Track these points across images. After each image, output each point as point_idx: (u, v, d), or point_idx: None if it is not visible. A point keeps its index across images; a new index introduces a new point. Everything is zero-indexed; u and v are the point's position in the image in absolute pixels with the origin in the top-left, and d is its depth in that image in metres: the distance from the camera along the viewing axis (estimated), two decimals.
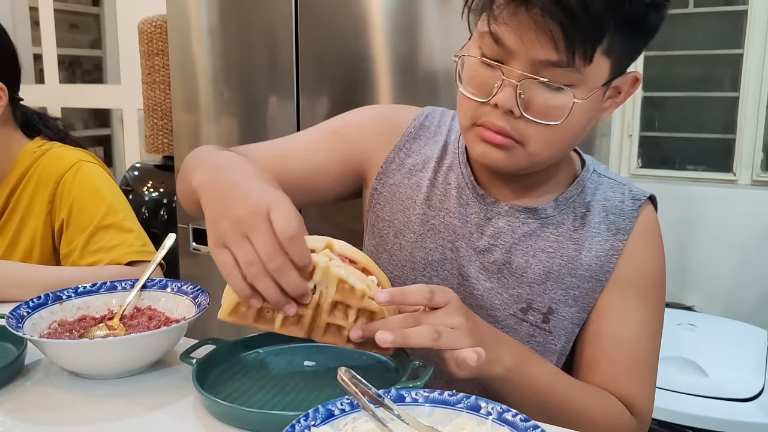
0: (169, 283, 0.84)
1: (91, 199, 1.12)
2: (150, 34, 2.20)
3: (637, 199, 0.82)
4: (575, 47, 0.66)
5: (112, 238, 1.09)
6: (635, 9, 0.67)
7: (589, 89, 0.70)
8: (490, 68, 0.71)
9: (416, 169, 0.88)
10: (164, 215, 2.23)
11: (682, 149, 2.20)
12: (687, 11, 2.14)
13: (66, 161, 1.15)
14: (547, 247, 0.81)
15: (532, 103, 0.70)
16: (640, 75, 0.77)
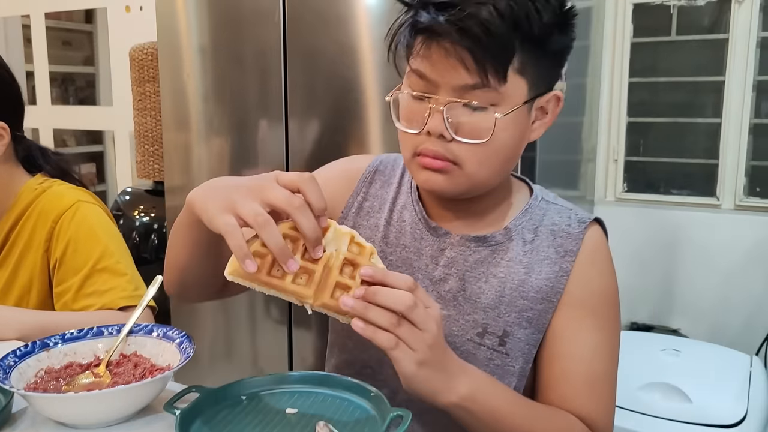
0: (155, 329, 0.85)
1: (87, 241, 1.13)
2: (141, 61, 2.23)
3: (583, 222, 0.86)
4: (486, 69, 0.72)
5: (106, 281, 1.10)
6: (537, 30, 0.73)
7: (509, 106, 0.76)
8: (419, 101, 0.78)
9: (373, 211, 0.94)
10: (155, 240, 2.25)
11: (667, 174, 2.24)
12: (670, 39, 2.18)
13: (65, 200, 1.16)
14: (498, 272, 0.85)
15: (460, 126, 0.76)
16: (562, 94, 0.83)
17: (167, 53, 1.94)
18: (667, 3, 2.16)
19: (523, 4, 0.72)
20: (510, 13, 0.71)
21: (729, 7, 2.06)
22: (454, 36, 0.71)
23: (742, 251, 2.07)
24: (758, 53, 2.05)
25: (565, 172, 2.06)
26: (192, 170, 1.96)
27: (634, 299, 2.24)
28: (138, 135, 2.32)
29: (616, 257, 2.44)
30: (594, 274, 0.85)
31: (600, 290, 0.85)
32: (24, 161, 1.23)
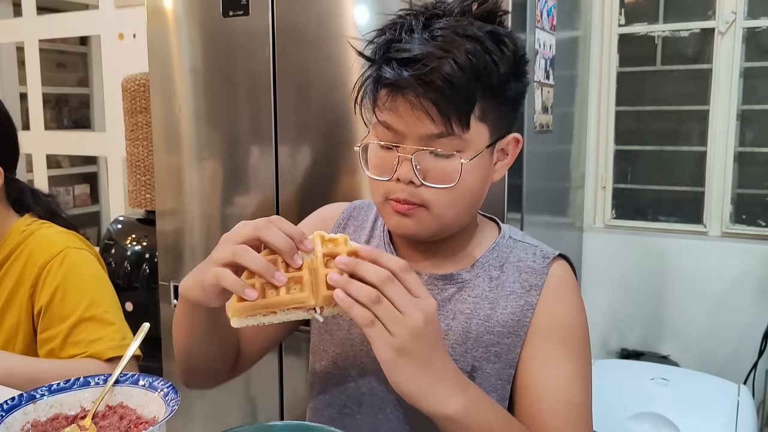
0: (141, 378, 0.86)
1: (76, 289, 1.13)
2: (133, 92, 2.24)
3: (547, 257, 0.89)
4: (450, 118, 0.77)
5: (94, 331, 1.10)
6: (495, 80, 0.78)
7: (474, 151, 0.80)
8: (387, 150, 0.82)
9: None
10: (146, 269, 2.25)
11: (655, 201, 2.26)
12: (655, 69, 2.21)
13: (54, 246, 1.17)
14: (464, 309, 0.87)
15: (428, 172, 0.80)
16: (521, 136, 0.88)
17: (158, 76, 1.96)
18: (651, 34, 2.20)
19: (482, 56, 0.77)
20: (470, 66, 0.76)
21: (712, 38, 2.09)
22: (418, 90, 0.75)
23: (730, 278, 2.09)
24: (741, 83, 2.08)
25: (554, 200, 2.08)
26: (184, 194, 1.97)
27: (624, 325, 2.25)
28: (130, 164, 2.33)
29: (605, 283, 2.46)
30: (561, 306, 0.87)
31: (568, 322, 0.87)
32: (14, 202, 1.23)
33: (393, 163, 0.80)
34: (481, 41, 0.77)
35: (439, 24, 0.78)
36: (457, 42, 0.76)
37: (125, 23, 2.86)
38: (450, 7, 0.81)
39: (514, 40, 0.82)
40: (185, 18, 1.89)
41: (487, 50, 0.77)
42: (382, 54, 0.80)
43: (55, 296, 1.13)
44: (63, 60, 5.26)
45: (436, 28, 0.77)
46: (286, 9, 1.72)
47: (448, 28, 0.77)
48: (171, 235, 2.02)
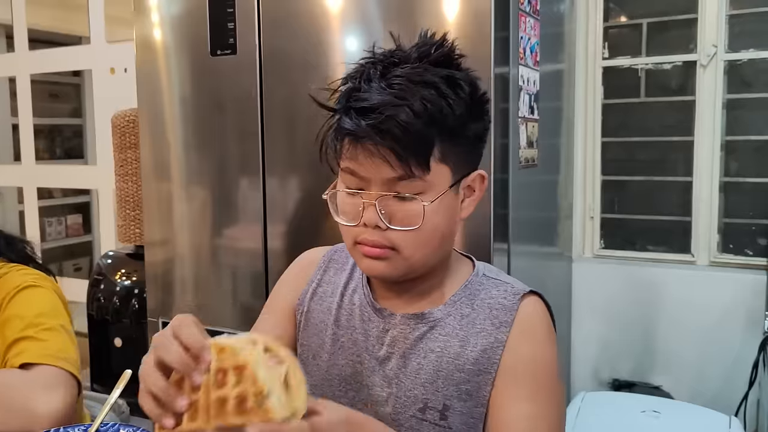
0: (122, 428, 0.86)
1: (11, 322, 1.13)
2: (123, 128, 2.26)
3: (517, 294, 0.89)
4: (410, 163, 0.79)
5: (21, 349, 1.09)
6: (452, 122, 0.81)
7: (436, 193, 0.82)
8: (354, 196, 0.84)
9: (326, 295, 0.99)
10: (135, 304, 2.25)
11: (643, 230, 2.27)
12: (640, 100, 2.24)
13: (12, 285, 1.17)
14: (435, 347, 0.88)
15: (393, 215, 0.82)
16: (485, 173, 0.89)
17: (148, 108, 1.97)
18: (635, 66, 2.23)
19: (437, 101, 0.79)
20: (425, 112, 0.78)
21: (694, 70, 2.13)
22: (376, 138, 0.78)
23: (719, 307, 2.09)
24: (724, 114, 2.11)
25: (542, 230, 2.09)
26: (173, 225, 1.97)
27: (615, 356, 2.25)
28: (119, 199, 2.33)
29: (595, 313, 2.47)
30: (527, 344, 0.87)
31: (533, 360, 0.86)
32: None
33: (359, 209, 0.83)
34: (436, 86, 0.80)
35: (396, 72, 0.81)
36: (413, 89, 0.79)
37: (117, 58, 2.88)
38: (407, 54, 0.83)
39: (471, 82, 0.84)
40: (174, 54, 1.92)
41: (443, 95, 0.80)
42: (343, 104, 0.83)
43: (2, 326, 1.14)
44: (56, 91, 5.29)
45: (393, 76, 0.80)
46: (272, 46, 1.74)
47: (404, 76, 0.80)
48: (160, 266, 2.01)
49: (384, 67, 0.82)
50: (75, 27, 3.83)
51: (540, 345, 0.87)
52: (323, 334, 0.96)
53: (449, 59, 0.84)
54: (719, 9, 2.07)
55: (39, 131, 3.37)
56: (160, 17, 1.93)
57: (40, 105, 3.37)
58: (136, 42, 1.97)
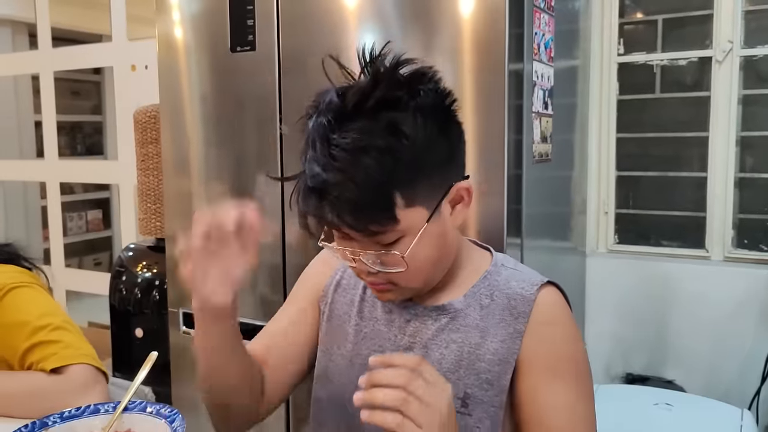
0: (148, 406, 0.90)
1: (15, 330, 1.15)
2: (144, 124, 2.31)
3: (535, 285, 0.90)
4: (371, 229, 0.79)
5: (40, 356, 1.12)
6: (405, 170, 0.78)
7: (413, 236, 0.81)
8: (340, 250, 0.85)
9: (349, 287, 1.03)
10: (156, 296, 2.30)
11: (657, 226, 2.28)
12: (654, 96, 2.25)
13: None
14: (457, 338, 0.91)
15: (380, 263, 0.83)
16: (468, 184, 0.87)
17: (169, 104, 2.01)
18: (650, 62, 2.24)
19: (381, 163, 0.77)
20: (372, 180, 0.77)
21: (710, 66, 2.13)
22: (334, 220, 0.79)
23: (733, 302, 2.10)
24: (740, 110, 2.11)
25: (556, 225, 2.11)
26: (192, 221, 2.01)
27: (628, 350, 2.26)
28: (141, 193, 2.39)
29: (609, 308, 2.48)
30: (554, 336, 0.89)
31: (562, 350, 0.89)
32: None
33: (350, 257, 0.84)
34: (377, 148, 0.77)
35: (336, 141, 0.78)
36: (354, 160, 0.77)
37: (137, 55, 2.94)
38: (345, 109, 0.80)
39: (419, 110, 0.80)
40: (195, 51, 1.96)
41: (387, 151, 0.77)
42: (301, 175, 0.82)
43: (3, 335, 1.16)
44: (77, 88, 5.38)
45: (335, 146, 0.78)
46: (291, 43, 1.78)
47: (344, 147, 0.77)
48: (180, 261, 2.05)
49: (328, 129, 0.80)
50: (96, 25, 3.90)
51: (566, 336, 0.90)
52: (347, 325, 0.99)
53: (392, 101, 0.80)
54: (735, 5, 2.07)
55: (60, 128, 3.44)
56: (181, 15, 1.97)
57: (61, 102, 3.44)
58: (158, 39, 2.02)
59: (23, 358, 1.12)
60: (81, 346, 1.13)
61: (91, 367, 1.10)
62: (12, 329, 1.14)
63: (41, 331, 1.12)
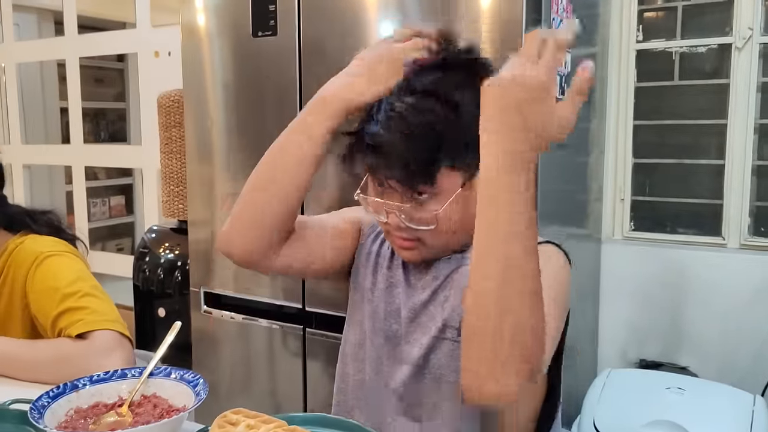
0: (173, 372, 0.94)
1: (47, 296, 1.20)
2: (168, 108, 2.36)
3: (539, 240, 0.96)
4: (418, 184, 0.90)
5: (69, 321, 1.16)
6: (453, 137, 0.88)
7: (447, 196, 0.91)
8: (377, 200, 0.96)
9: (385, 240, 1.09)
10: (178, 276, 2.35)
11: (673, 213, 2.29)
12: (673, 83, 2.25)
13: (30, 257, 1.24)
14: (463, 281, 0.95)
15: (412, 219, 0.93)
16: None
17: (192, 91, 2.06)
18: (669, 49, 2.24)
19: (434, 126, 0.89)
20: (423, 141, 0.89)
21: (729, 53, 2.13)
22: (383, 172, 0.92)
23: (749, 290, 2.10)
24: (759, 98, 2.10)
25: (572, 211, 2.12)
26: (214, 204, 2.07)
27: (643, 336, 2.27)
28: (164, 176, 2.44)
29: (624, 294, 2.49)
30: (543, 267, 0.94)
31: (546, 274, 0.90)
32: (10, 225, 1.32)
33: (384, 211, 0.95)
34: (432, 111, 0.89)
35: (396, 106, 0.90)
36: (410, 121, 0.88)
37: (161, 42, 2.99)
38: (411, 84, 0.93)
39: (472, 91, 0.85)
40: (217, 37, 2.00)
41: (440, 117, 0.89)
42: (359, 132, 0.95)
43: (36, 306, 1.22)
44: (101, 76, 5.46)
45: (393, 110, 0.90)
46: (311, 28, 1.81)
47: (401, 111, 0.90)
48: (202, 244, 2.11)
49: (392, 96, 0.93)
50: (120, 13, 3.96)
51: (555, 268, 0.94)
52: (377, 274, 1.08)
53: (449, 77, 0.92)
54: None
55: (84, 115, 3.51)
56: (204, 2, 2.01)
57: (85, 89, 3.51)
58: (182, 26, 2.06)
59: (54, 324, 1.17)
60: (107, 312, 1.18)
61: (115, 333, 1.15)
62: (44, 295, 1.20)
63: (70, 297, 1.17)
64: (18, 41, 3.74)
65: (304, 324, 1.93)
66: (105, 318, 1.16)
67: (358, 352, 1.09)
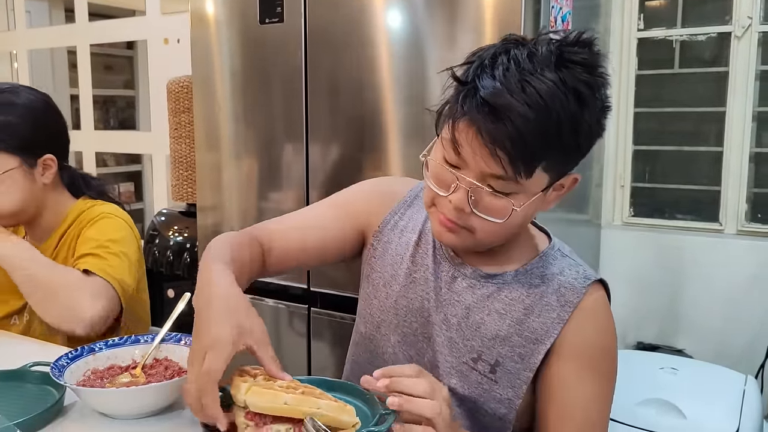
0: (183, 338, 1.00)
1: (87, 242, 1.31)
2: (177, 93, 2.41)
3: (588, 278, 0.93)
4: (518, 169, 0.80)
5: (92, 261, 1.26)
6: (567, 141, 0.81)
7: (528, 197, 0.84)
8: (448, 171, 0.85)
9: (407, 230, 1.04)
10: (187, 258, 2.42)
11: (672, 199, 2.33)
12: (673, 71, 2.28)
13: (94, 214, 1.35)
14: (500, 308, 0.93)
15: (480, 203, 0.84)
16: (580, 176, 0.90)
17: (200, 78, 2.11)
18: (669, 38, 2.27)
19: (564, 120, 0.78)
20: (551, 127, 0.78)
21: (729, 42, 2.16)
22: (495, 136, 0.78)
23: (745, 275, 2.15)
24: (758, 85, 2.14)
25: (573, 197, 2.14)
26: (222, 190, 2.12)
27: (640, 320, 2.32)
28: (173, 161, 2.50)
29: (623, 278, 2.55)
30: (591, 328, 0.91)
31: (597, 344, 0.91)
32: (69, 187, 1.42)
33: (450, 186, 0.85)
34: (566, 105, 0.78)
35: (532, 79, 0.78)
36: (545, 101, 0.77)
37: (170, 29, 3.05)
38: (546, 56, 0.80)
39: (603, 96, 0.83)
40: (225, 24, 2.05)
41: (571, 114, 0.78)
42: (472, 81, 0.81)
43: (78, 246, 1.32)
44: (110, 63, 5.51)
45: (528, 81, 0.78)
46: (317, 16, 1.86)
47: (541, 91, 0.78)
48: (210, 228, 2.17)
49: (522, 60, 0.80)
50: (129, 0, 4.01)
51: (604, 330, 0.92)
52: (398, 266, 1.02)
53: (593, 66, 0.81)
54: None
55: (94, 102, 3.58)
56: None
57: (95, 76, 3.57)
58: (191, 13, 2.11)
59: (77, 260, 1.27)
60: (119, 272, 1.27)
61: (110, 287, 1.23)
62: (84, 241, 1.31)
63: (100, 248, 1.28)
64: (30, 29, 3.79)
65: (308, 304, 1.98)
66: (113, 273, 1.25)
67: (368, 345, 1.05)
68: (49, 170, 1.34)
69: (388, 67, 1.77)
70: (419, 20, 1.72)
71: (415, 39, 1.72)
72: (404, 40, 1.74)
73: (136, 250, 1.36)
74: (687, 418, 1.71)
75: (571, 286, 0.92)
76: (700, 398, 1.77)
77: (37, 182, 1.33)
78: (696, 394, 1.79)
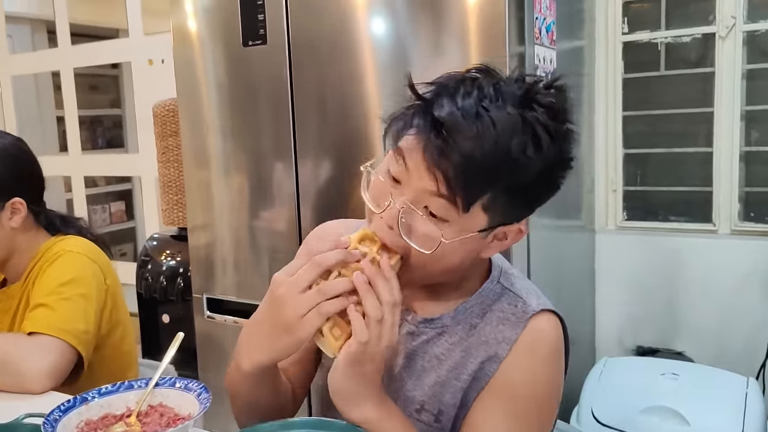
0: (177, 381, 0.98)
1: (44, 283, 1.29)
2: (164, 117, 2.39)
3: (527, 313, 0.87)
4: (455, 195, 0.76)
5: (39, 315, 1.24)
6: (513, 182, 0.77)
7: (460, 231, 0.79)
8: (385, 185, 0.82)
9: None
10: (180, 283, 2.39)
11: (665, 202, 2.32)
12: (660, 74, 2.28)
13: (54, 251, 1.33)
14: (440, 353, 0.90)
15: (411, 228, 0.79)
16: (526, 228, 0.85)
17: (186, 97, 2.10)
18: (654, 40, 2.27)
19: (513, 156, 0.74)
20: (497, 160, 0.74)
21: (713, 42, 2.16)
22: (438, 156, 0.75)
23: (740, 274, 2.14)
24: (744, 85, 2.14)
25: (565, 203, 2.16)
26: (213, 209, 2.10)
27: (638, 323, 2.32)
28: (162, 185, 2.48)
29: (619, 283, 2.54)
30: (525, 363, 0.86)
31: (521, 381, 0.86)
32: (47, 227, 1.42)
33: (386, 201, 0.80)
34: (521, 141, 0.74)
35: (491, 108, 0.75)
36: (497, 132, 0.74)
37: (154, 50, 3.03)
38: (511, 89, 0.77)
39: (564, 149, 0.79)
40: (209, 44, 2.03)
41: (523, 151, 0.74)
42: (430, 99, 0.79)
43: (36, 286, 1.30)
44: (95, 83, 5.48)
45: (486, 109, 0.75)
46: (300, 33, 1.84)
47: (496, 117, 0.74)
48: (203, 249, 2.15)
49: (487, 89, 0.77)
50: (113, 20, 3.99)
51: (539, 366, 0.87)
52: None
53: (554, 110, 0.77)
54: None
55: (81, 122, 3.55)
56: (194, 9, 2.04)
57: (80, 97, 3.55)
58: (173, 33, 2.09)
59: (30, 311, 1.26)
60: (71, 320, 1.25)
61: (61, 342, 1.21)
62: (41, 287, 1.29)
63: (52, 295, 1.26)
64: (12, 54, 3.76)
65: None
66: (60, 326, 1.23)
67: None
68: (17, 214, 1.33)
69: (373, 78, 1.76)
70: (403, 29, 1.71)
71: (399, 49, 1.72)
72: (389, 49, 1.74)
73: (98, 286, 1.33)
74: (690, 425, 1.71)
75: (510, 322, 0.88)
76: (702, 403, 1.77)
77: (5, 226, 1.32)
78: (698, 399, 1.78)
